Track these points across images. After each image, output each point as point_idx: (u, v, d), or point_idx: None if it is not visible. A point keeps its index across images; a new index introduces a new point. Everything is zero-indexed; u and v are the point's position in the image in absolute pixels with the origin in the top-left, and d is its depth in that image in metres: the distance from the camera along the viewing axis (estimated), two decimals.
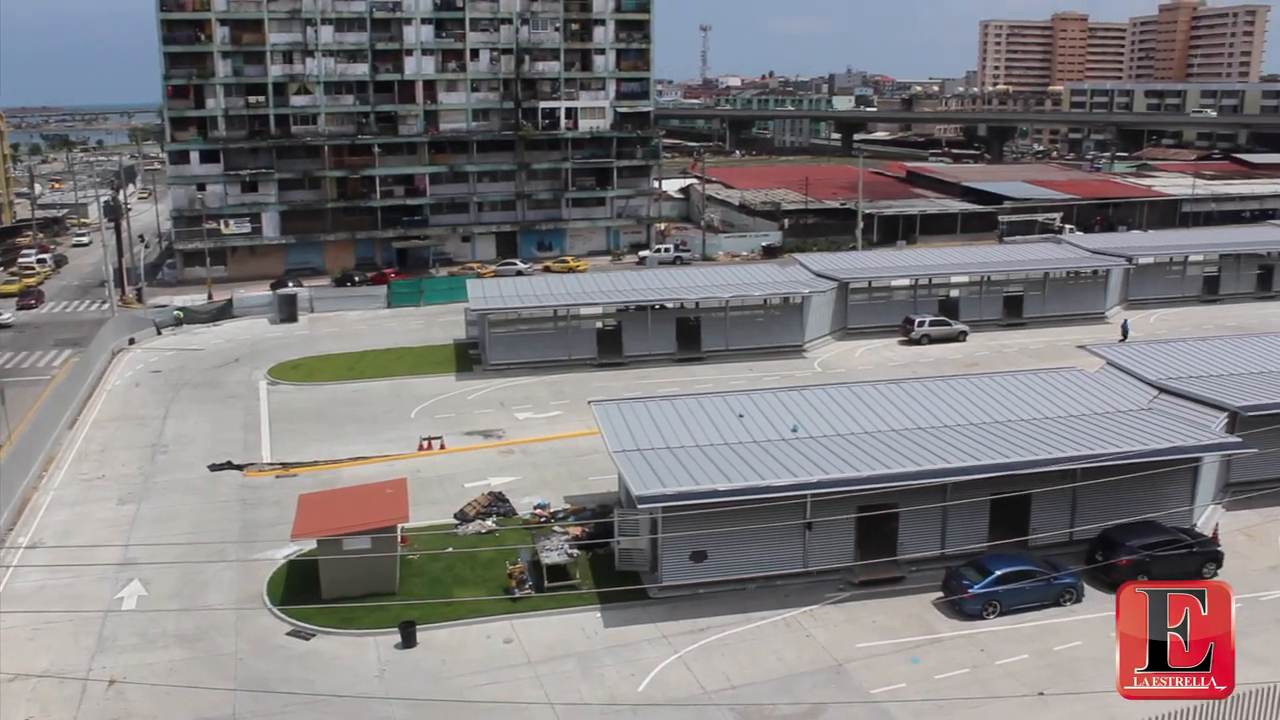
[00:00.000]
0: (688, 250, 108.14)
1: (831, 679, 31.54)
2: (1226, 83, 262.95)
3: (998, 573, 35.14)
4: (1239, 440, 40.82)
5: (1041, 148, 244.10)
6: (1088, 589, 36.24)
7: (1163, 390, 45.51)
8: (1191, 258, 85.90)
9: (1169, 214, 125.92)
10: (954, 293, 77.61)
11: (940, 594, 36.06)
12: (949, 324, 73.19)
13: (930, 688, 30.91)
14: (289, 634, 34.53)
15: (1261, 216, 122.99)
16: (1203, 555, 37.74)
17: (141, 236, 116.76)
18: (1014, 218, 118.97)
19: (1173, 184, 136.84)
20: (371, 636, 34.12)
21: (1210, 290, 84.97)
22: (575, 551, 38.29)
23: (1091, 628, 34.19)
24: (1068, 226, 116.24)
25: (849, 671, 31.92)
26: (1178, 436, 39.76)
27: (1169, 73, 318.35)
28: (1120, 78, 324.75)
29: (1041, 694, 30.41)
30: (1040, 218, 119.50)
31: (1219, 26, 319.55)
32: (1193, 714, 23.08)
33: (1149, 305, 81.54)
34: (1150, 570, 36.35)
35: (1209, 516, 42.04)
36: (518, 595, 36.16)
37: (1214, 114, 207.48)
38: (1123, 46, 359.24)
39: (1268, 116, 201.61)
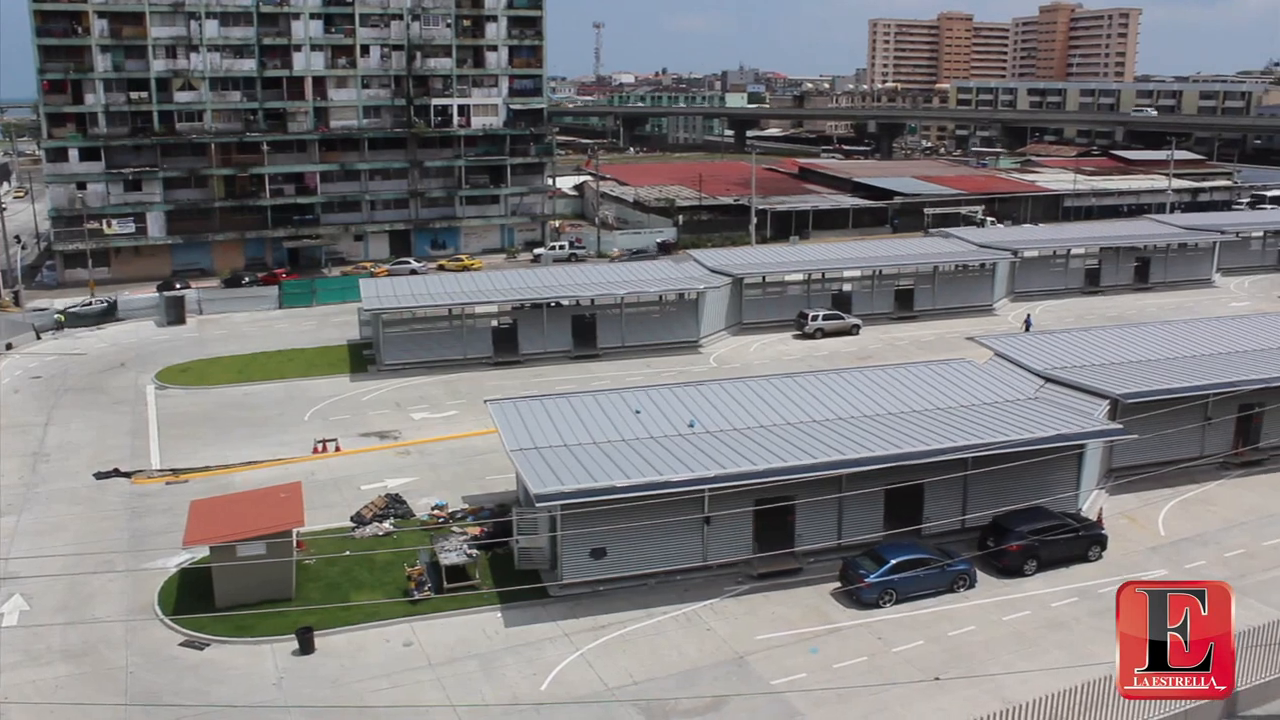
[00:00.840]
0: (582, 247, 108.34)
1: (733, 671, 31.84)
2: (1103, 82, 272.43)
3: (893, 561, 35.84)
4: (1120, 427, 42.38)
5: (930, 144, 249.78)
6: (980, 575, 37.18)
7: (1048, 380, 46.93)
8: (1074, 251, 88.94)
9: (1052, 209, 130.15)
10: (846, 287, 78.84)
11: (838, 584, 36.66)
12: (842, 318, 74.38)
13: (830, 677, 31.41)
14: (182, 644, 33.65)
15: (1138, 211, 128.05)
16: (1088, 539, 39.04)
17: (18, 237, 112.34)
18: (940, 211, 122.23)
19: (1055, 179, 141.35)
20: (268, 644, 33.44)
21: (1091, 282, 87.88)
22: (474, 552, 38.01)
23: (984, 613, 35.15)
24: (989, 219, 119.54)
25: (750, 663, 32.26)
26: (1063, 424, 40.96)
27: (1050, 72, 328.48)
28: (1004, 76, 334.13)
29: (937, 679, 31.06)
30: (964, 210, 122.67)
31: (1095, 28, 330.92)
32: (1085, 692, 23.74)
33: (1034, 297, 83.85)
34: (1039, 555, 37.60)
35: (1093, 501, 43.43)
36: (417, 597, 35.82)
37: (1154, 113, 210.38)
38: (1006, 46, 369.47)
39: (1143, 115, 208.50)
